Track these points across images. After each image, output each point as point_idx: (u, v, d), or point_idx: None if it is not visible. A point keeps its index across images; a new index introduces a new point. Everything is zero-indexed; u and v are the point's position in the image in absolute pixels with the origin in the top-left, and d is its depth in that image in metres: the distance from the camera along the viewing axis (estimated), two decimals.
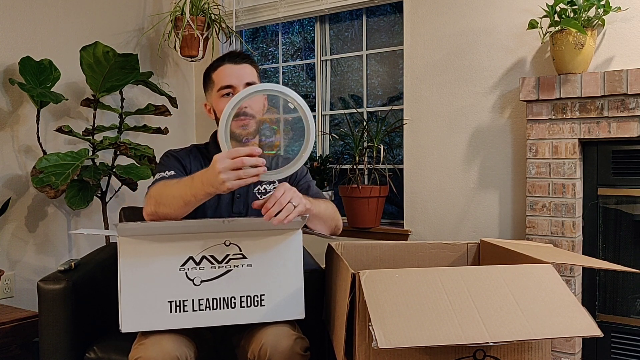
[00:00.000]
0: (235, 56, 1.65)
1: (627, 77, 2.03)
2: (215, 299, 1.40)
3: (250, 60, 1.66)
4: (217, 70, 1.64)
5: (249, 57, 1.67)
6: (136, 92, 3.15)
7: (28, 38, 2.69)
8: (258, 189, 1.68)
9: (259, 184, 1.68)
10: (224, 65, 1.63)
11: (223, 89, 1.61)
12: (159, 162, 1.71)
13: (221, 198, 1.64)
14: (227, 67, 1.63)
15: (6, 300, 2.57)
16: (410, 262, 1.79)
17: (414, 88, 2.73)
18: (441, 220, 2.67)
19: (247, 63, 1.64)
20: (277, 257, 1.44)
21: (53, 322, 1.60)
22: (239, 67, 1.62)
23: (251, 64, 1.66)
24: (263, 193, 1.67)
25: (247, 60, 1.65)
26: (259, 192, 1.68)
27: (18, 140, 2.66)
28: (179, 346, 1.38)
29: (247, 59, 1.66)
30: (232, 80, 1.60)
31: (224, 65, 1.63)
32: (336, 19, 3.18)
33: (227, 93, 1.61)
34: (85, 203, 2.53)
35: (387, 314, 1.15)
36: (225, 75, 1.61)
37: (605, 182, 2.20)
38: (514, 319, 1.17)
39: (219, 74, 1.63)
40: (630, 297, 2.19)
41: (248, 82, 1.60)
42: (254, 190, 1.67)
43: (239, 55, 1.65)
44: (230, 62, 1.63)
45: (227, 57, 1.65)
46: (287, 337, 1.39)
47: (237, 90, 1.57)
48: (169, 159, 1.66)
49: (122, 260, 1.37)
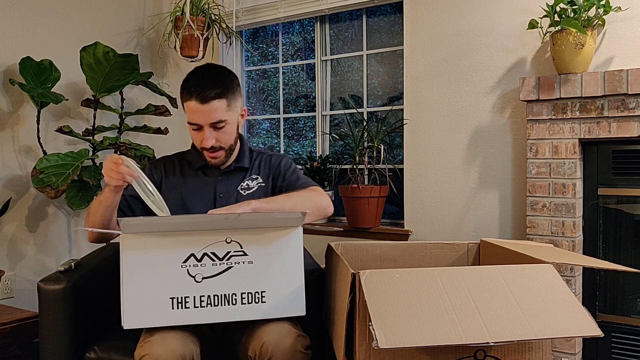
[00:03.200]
0: (203, 90, 1.58)
1: (627, 77, 2.03)
2: (217, 296, 1.40)
3: (220, 92, 1.59)
4: (186, 104, 1.62)
5: (219, 87, 1.60)
6: (136, 92, 3.15)
7: (28, 38, 2.69)
8: (241, 186, 1.73)
9: (242, 182, 1.73)
10: (192, 101, 1.59)
11: (191, 124, 1.64)
12: None
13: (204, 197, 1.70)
14: (194, 104, 1.59)
15: (6, 301, 2.57)
16: (410, 262, 1.79)
17: (414, 88, 2.73)
18: (441, 220, 2.67)
19: (214, 99, 1.58)
20: (277, 254, 1.44)
21: (53, 323, 1.60)
22: (205, 107, 1.58)
23: (220, 96, 1.59)
24: (246, 189, 1.72)
25: (215, 95, 1.58)
26: (242, 188, 1.73)
27: (18, 140, 2.66)
28: (185, 343, 1.38)
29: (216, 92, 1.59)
30: (198, 120, 1.61)
31: (192, 101, 1.59)
32: (336, 19, 3.18)
33: (195, 128, 1.64)
34: (86, 203, 2.53)
35: (388, 314, 1.15)
36: (192, 113, 1.61)
37: (605, 182, 2.20)
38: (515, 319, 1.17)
39: (187, 108, 1.62)
40: (630, 297, 2.19)
41: (213, 123, 1.61)
42: (237, 188, 1.72)
43: (207, 88, 1.58)
44: (197, 100, 1.58)
45: (195, 92, 1.58)
46: (288, 335, 1.40)
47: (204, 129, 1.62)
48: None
49: (124, 256, 1.38)
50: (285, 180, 1.74)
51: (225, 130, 1.64)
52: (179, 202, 1.69)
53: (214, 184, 1.72)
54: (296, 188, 1.69)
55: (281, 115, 3.40)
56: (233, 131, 1.68)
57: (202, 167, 1.74)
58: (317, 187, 1.72)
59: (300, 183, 1.72)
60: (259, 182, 1.74)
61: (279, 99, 3.41)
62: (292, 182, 1.73)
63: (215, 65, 1.71)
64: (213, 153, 1.67)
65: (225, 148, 1.67)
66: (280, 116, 3.41)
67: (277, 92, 3.42)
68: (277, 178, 1.75)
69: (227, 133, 1.65)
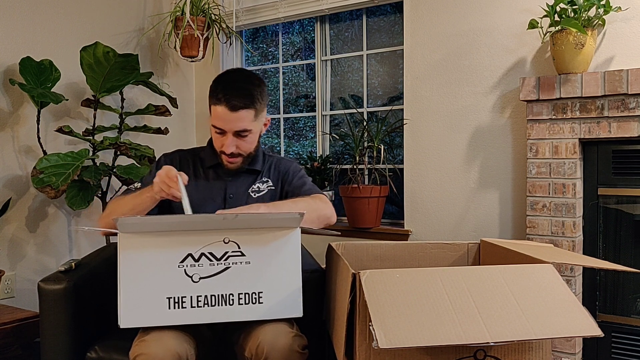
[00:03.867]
0: (233, 98, 1.58)
1: (627, 77, 2.03)
2: (214, 296, 1.40)
3: (249, 102, 1.60)
4: (213, 107, 1.62)
5: (248, 97, 1.60)
6: (136, 92, 3.15)
7: (28, 38, 2.69)
8: (252, 188, 1.73)
9: (253, 184, 1.73)
10: (220, 107, 1.59)
11: (215, 127, 1.64)
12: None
13: (214, 197, 1.70)
14: (221, 110, 1.59)
15: (7, 301, 2.57)
16: (410, 262, 1.79)
17: (414, 88, 2.73)
18: (441, 220, 2.67)
19: (243, 109, 1.58)
20: (275, 255, 1.44)
21: (54, 322, 1.60)
22: (233, 116, 1.58)
23: (248, 106, 1.59)
24: (257, 191, 1.73)
25: (244, 105, 1.59)
26: (252, 190, 1.73)
27: (18, 140, 2.66)
28: (180, 343, 1.38)
29: (245, 102, 1.59)
30: (223, 126, 1.62)
31: (220, 107, 1.59)
32: (336, 19, 3.18)
33: (218, 132, 1.64)
34: (86, 203, 2.53)
35: (388, 314, 1.15)
36: (219, 118, 1.61)
37: (605, 182, 2.20)
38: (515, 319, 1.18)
39: (214, 111, 1.62)
40: (630, 297, 2.19)
41: (238, 131, 1.61)
42: (248, 190, 1.72)
43: (238, 96, 1.58)
44: (226, 107, 1.58)
45: (224, 98, 1.58)
46: (284, 335, 1.40)
47: (227, 135, 1.62)
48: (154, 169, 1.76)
49: (121, 255, 1.38)
50: (291, 185, 1.75)
51: (247, 139, 1.64)
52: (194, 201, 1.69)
53: (225, 184, 1.72)
54: (301, 194, 1.70)
55: (281, 115, 3.40)
56: (255, 140, 1.68)
57: (214, 165, 1.74)
58: (323, 195, 1.72)
59: (306, 189, 1.72)
60: (269, 185, 1.75)
61: (279, 99, 3.41)
62: (298, 187, 1.73)
63: (247, 72, 1.69)
64: (231, 158, 1.67)
65: (244, 155, 1.68)
66: (280, 116, 3.41)
67: (277, 92, 3.42)
68: (284, 183, 1.76)
69: (249, 142, 1.65)
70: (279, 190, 1.76)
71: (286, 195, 1.73)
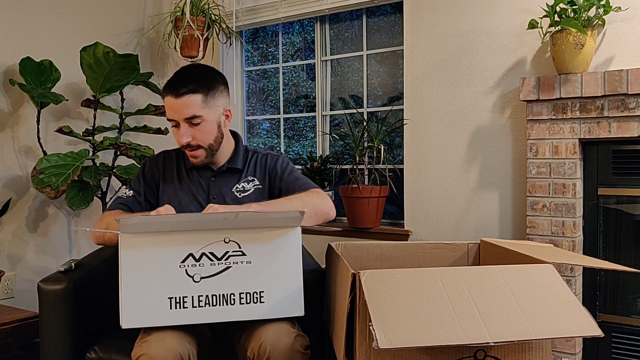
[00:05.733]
0: (176, 86, 1.59)
1: (627, 77, 2.03)
2: (215, 296, 1.40)
3: (194, 87, 1.59)
4: (164, 100, 1.63)
5: (193, 83, 1.60)
6: (136, 92, 3.15)
7: (28, 39, 2.70)
8: (236, 188, 1.71)
9: (237, 183, 1.72)
10: (168, 97, 1.60)
11: (170, 120, 1.65)
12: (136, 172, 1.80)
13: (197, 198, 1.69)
14: (168, 99, 1.60)
15: (7, 301, 2.57)
16: (410, 262, 1.79)
17: (414, 88, 2.73)
18: (441, 221, 2.67)
19: (187, 94, 1.58)
20: (276, 254, 1.44)
21: (54, 323, 1.60)
22: (178, 102, 1.59)
23: (193, 91, 1.59)
24: (242, 191, 1.71)
25: (188, 90, 1.58)
26: (237, 190, 1.71)
27: (18, 140, 2.66)
28: (182, 343, 1.38)
29: (189, 87, 1.59)
30: (172, 115, 1.62)
31: (168, 97, 1.60)
32: (336, 19, 3.18)
33: (174, 125, 1.65)
34: (86, 203, 2.53)
35: (388, 314, 1.15)
36: (168, 108, 1.62)
37: (605, 182, 2.20)
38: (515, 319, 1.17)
39: (165, 104, 1.63)
40: (630, 297, 2.19)
41: (187, 118, 1.60)
42: (232, 190, 1.70)
43: (181, 83, 1.59)
44: (172, 95, 1.59)
45: (171, 87, 1.60)
46: (287, 335, 1.40)
47: (180, 126, 1.62)
48: (139, 174, 1.77)
49: (122, 256, 1.38)
50: (283, 182, 1.71)
51: (201, 128, 1.62)
52: (176, 202, 1.69)
53: (207, 185, 1.71)
54: (296, 190, 1.66)
55: (281, 115, 3.40)
56: (212, 130, 1.64)
57: (195, 166, 1.72)
58: (318, 189, 1.69)
59: (300, 184, 1.69)
60: (255, 184, 1.72)
61: (279, 99, 3.41)
62: (291, 183, 1.70)
63: (198, 65, 1.70)
64: (192, 151, 1.65)
65: (204, 147, 1.65)
66: (280, 116, 3.41)
67: (277, 92, 3.42)
68: (274, 179, 1.72)
69: (203, 131, 1.63)
70: (266, 187, 1.72)
71: (279, 192, 1.70)
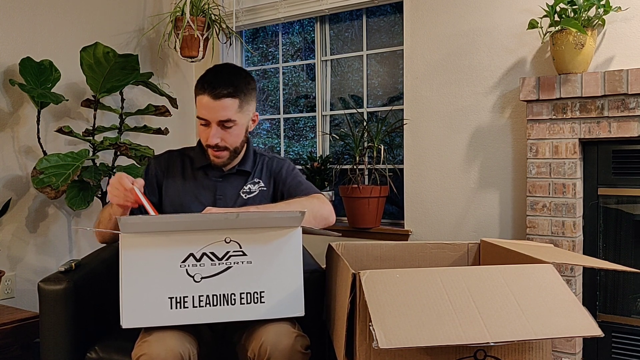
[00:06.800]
0: (217, 87, 1.58)
1: (627, 77, 2.03)
2: (215, 296, 1.40)
3: (232, 91, 1.60)
4: (198, 98, 1.62)
5: (232, 86, 1.60)
6: (136, 92, 3.15)
7: (28, 39, 2.69)
8: (243, 190, 1.72)
9: (244, 185, 1.72)
10: (204, 96, 1.59)
11: (200, 119, 1.64)
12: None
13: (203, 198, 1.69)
14: (205, 99, 1.59)
15: (7, 301, 2.57)
16: (410, 262, 1.79)
17: (414, 88, 2.73)
18: (441, 220, 2.67)
19: (226, 97, 1.58)
20: (276, 254, 1.44)
21: (54, 323, 1.60)
22: (216, 104, 1.58)
23: (232, 95, 1.59)
24: (248, 192, 1.71)
25: (227, 94, 1.59)
26: (243, 192, 1.72)
27: (18, 140, 2.66)
28: (182, 343, 1.38)
29: (229, 90, 1.59)
30: (207, 116, 1.62)
31: (204, 96, 1.59)
32: (336, 19, 3.19)
33: (203, 124, 1.65)
34: (86, 203, 2.53)
35: (388, 314, 1.15)
36: (203, 107, 1.61)
37: (605, 182, 2.20)
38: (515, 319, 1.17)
39: (199, 102, 1.62)
40: (630, 297, 2.19)
41: (221, 120, 1.60)
42: (239, 191, 1.71)
43: (221, 85, 1.59)
44: (210, 95, 1.58)
45: (209, 87, 1.59)
46: (287, 335, 1.40)
47: (211, 126, 1.62)
48: (144, 173, 1.77)
49: (123, 255, 1.38)
50: (286, 185, 1.72)
51: (232, 131, 1.63)
52: (179, 202, 1.69)
53: (214, 185, 1.71)
54: (297, 194, 1.68)
55: (281, 115, 3.40)
56: (241, 134, 1.66)
57: (203, 166, 1.73)
58: (320, 194, 1.70)
59: (302, 189, 1.70)
60: (261, 186, 1.73)
61: (279, 99, 3.41)
62: (293, 187, 1.71)
63: (234, 66, 1.70)
64: (217, 152, 1.66)
65: (230, 149, 1.66)
66: (280, 116, 3.41)
67: (277, 92, 3.42)
68: (278, 183, 1.74)
69: (233, 134, 1.64)
70: (271, 190, 1.74)
71: (281, 196, 1.72)
